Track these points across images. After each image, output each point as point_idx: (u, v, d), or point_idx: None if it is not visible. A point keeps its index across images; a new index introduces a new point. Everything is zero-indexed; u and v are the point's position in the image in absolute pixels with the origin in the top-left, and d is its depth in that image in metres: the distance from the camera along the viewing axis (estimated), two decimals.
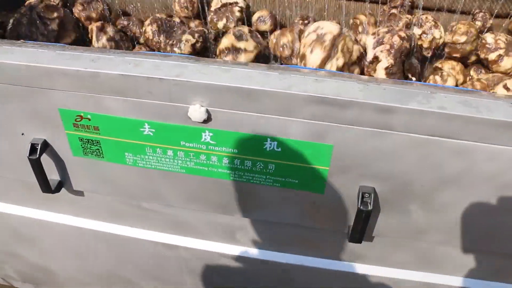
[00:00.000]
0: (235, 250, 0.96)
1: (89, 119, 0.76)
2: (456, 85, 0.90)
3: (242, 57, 0.97)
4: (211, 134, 0.72)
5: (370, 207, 0.75)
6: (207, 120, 0.70)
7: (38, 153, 0.80)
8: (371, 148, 0.71)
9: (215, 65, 0.70)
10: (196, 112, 0.69)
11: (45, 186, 0.86)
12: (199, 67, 0.69)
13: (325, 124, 0.69)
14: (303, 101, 0.67)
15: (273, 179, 0.78)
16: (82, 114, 0.75)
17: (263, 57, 1.02)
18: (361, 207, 0.76)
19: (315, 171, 0.75)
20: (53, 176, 0.88)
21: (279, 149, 0.73)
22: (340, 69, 0.88)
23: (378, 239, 0.88)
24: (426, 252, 0.89)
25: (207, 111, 0.69)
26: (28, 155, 0.80)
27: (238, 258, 0.97)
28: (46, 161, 0.84)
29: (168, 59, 0.72)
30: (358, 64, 0.92)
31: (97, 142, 0.79)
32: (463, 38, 1.02)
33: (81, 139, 0.79)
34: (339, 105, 0.66)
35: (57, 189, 0.88)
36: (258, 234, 0.92)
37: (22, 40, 0.81)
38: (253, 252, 0.95)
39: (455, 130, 0.66)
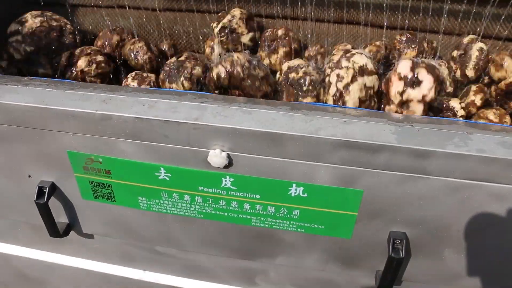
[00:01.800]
0: None
1: (100, 163, 0.71)
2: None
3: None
4: (232, 179, 0.67)
5: (402, 254, 0.70)
6: (228, 165, 0.65)
7: (45, 197, 0.76)
8: (403, 193, 0.66)
9: (235, 106, 0.65)
10: (217, 157, 0.64)
11: (52, 230, 0.81)
12: (219, 109, 0.64)
13: (355, 169, 0.64)
14: (332, 146, 0.61)
15: (298, 224, 0.72)
16: (92, 157, 0.71)
17: None
18: (393, 254, 0.70)
19: (343, 216, 0.70)
20: (61, 218, 0.83)
21: (305, 195, 0.68)
22: None
23: (407, 284, 0.82)
24: None
25: (228, 156, 0.64)
26: (35, 199, 0.75)
27: None
28: (54, 203, 0.79)
29: (184, 99, 0.67)
30: None
31: (109, 185, 0.74)
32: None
33: (92, 182, 0.74)
34: (371, 149, 0.61)
35: (66, 232, 0.83)
36: (279, 278, 0.87)
37: (28, 77, 0.77)
38: None
39: (494, 173, 0.61)
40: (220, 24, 0.96)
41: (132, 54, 0.97)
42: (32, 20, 0.95)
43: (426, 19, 1.00)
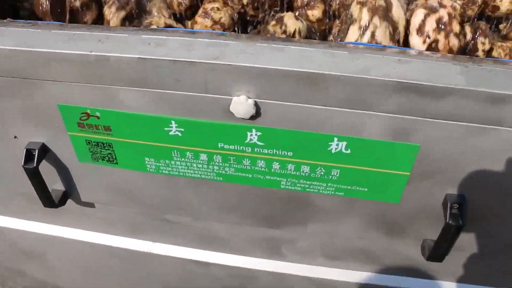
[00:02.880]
0: (279, 266, 0.79)
1: (98, 117, 0.59)
2: None
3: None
4: (259, 133, 0.55)
5: (461, 222, 0.58)
6: (255, 115, 0.53)
7: (35, 160, 0.64)
8: (468, 148, 0.54)
9: (263, 43, 0.52)
10: (242, 105, 0.51)
11: (46, 199, 0.69)
12: (242, 46, 0.52)
13: (412, 119, 0.51)
14: (386, 90, 0.49)
15: (336, 187, 0.61)
16: (88, 111, 0.58)
17: None
18: (450, 221, 0.59)
19: (392, 177, 0.58)
20: (56, 185, 0.72)
21: (348, 151, 0.56)
22: None
23: (458, 255, 0.71)
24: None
25: (256, 104, 0.52)
26: (23, 164, 0.64)
27: (283, 276, 0.80)
28: (46, 168, 0.68)
29: (199, 36, 0.54)
30: None
31: (109, 145, 0.62)
32: None
33: (89, 142, 0.62)
34: (434, 94, 0.49)
35: (62, 202, 0.72)
36: (310, 247, 0.76)
37: (9, 19, 0.64)
38: (303, 269, 0.78)
39: None
40: None
41: None
42: None
43: None
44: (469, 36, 0.73)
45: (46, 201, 0.69)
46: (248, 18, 0.79)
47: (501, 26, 0.80)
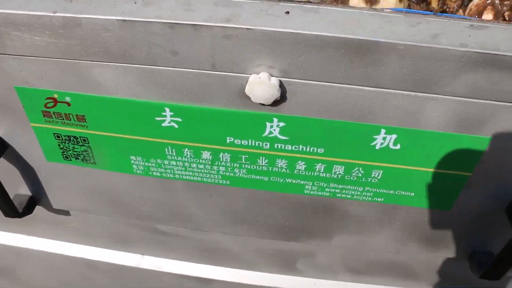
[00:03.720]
0: (294, 283, 0.67)
1: (69, 104, 0.45)
2: None
3: None
4: (281, 124, 0.42)
5: None
6: (279, 101, 0.40)
7: None
8: None
9: (289, 3, 0.38)
10: (263, 86, 0.38)
11: (7, 207, 0.55)
12: (263, 6, 0.38)
13: (485, 104, 0.38)
14: (459, 62, 0.36)
15: (375, 191, 0.48)
16: (55, 96, 0.44)
17: None
18: None
19: (449, 179, 0.45)
20: (21, 190, 0.58)
21: (397, 147, 0.43)
22: None
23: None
24: None
25: (281, 84, 0.39)
26: None
27: None
28: (6, 168, 0.54)
29: None
30: None
31: (84, 139, 0.48)
32: None
33: (58, 136, 0.48)
34: None
35: (28, 209, 0.58)
36: (330, 261, 0.63)
37: None
38: (323, 285, 0.66)
39: None
40: None
41: None
42: None
43: None
44: None
45: (7, 210, 0.55)
46: None
47: None
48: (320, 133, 0.42)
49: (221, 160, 0.47)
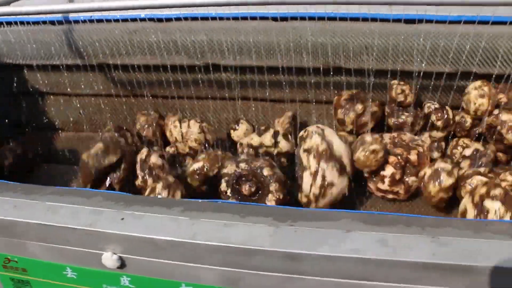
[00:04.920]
0: None
1: (17, 262, 0.77)
2: None
3: None
4: (129, 278, 0.72)
5: None
6: (122, 266, 0.70)
7: None
8: None
9: (129, 211, 0.71)
10: (109, 260, 0.69)
11: None
12: (113, 214, 0.70)
13: (235, 271, 0.67)
14: (207, 251, 0.66)
15: None
16: (9, 257, 0.77)
17: None
18: None
19: None
20: None
21: None
22: None
23: None
24: None
25: (120, 258, 0.70)
26: None
27: None
28: None
29: (90, 202, 0.73)
30: None
31: (27, 282, 0.79)
32: None
33: (12, 279, 0.80)
34: (246, 253, 0.65)
35: None
36: None
37: None
38: None
39: (371, 273, 0.63)
40: None
41: None
42: None
43: None
44: None
45: None
46: None
47: None
48: (152, 284, 0.72)
49: None
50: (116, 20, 1.10)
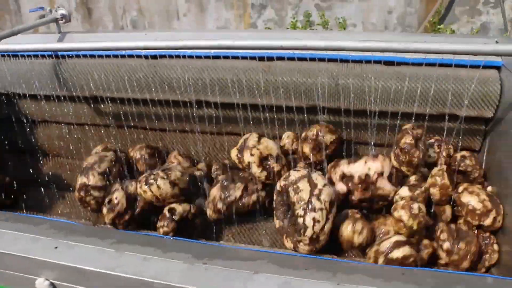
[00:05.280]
0: None
1: None
2: None
3: None
4: None
5: None
6: None
7: None
8: None
9: (63, 240, 0.78)
10: (41, 285, 0.76)
11: None
12: (48, 242, 0.77)
13: None
14: (126, 283, 0.72)
15: None
16: None
17: None
18: None
19: None
20: None
21: None
22: None
23: None
24: None
25: (52, 284, 0.77)
26: None
27: None
28: None
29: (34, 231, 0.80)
30: None
31: None
32: None
33: None
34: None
35: None
36: None
37: None
38: None
39: None
40: None
41: None
42: None
43: None
44: None
45: None
46: None
47: None
48: None
49: None
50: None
